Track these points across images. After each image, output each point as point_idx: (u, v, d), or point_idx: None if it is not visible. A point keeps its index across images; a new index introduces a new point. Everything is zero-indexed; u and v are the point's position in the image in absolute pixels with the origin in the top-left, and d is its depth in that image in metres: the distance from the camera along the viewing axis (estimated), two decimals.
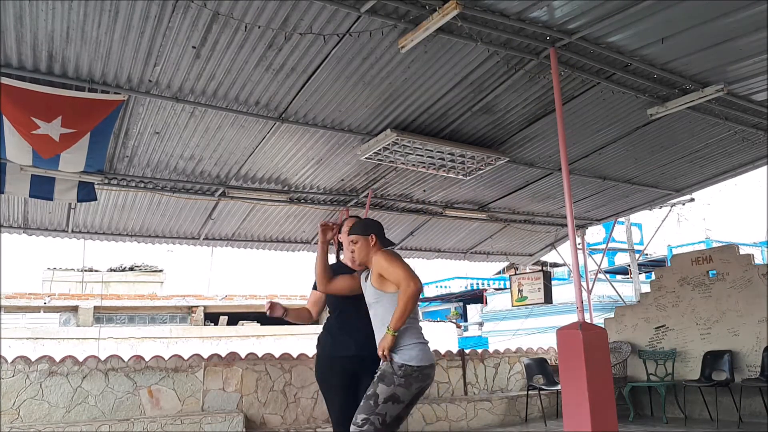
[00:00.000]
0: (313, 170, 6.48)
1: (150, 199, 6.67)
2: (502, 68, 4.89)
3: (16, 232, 6.98)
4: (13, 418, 5.69)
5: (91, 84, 4.44)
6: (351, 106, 5.24)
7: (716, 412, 7.14)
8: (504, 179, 7.33)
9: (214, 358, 6.77)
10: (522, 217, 8.83)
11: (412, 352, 3.10)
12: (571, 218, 4.52)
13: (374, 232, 3.42)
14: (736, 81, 5.25)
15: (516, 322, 18.37)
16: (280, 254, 8.68)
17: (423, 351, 3.13)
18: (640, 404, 8.19)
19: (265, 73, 4.62)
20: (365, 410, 3.05)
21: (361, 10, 3.93)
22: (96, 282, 24.64)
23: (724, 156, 7.19)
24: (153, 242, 7.75)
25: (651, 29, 4.37)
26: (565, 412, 4.14)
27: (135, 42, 4.08)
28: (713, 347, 7.51)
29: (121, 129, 5.20)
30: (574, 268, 4.60)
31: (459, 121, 5.69)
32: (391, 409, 3.06)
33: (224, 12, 3.84)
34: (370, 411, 3.05)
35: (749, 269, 7.37)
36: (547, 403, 8.18)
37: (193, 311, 24.01)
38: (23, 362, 5.95)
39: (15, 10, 3.67)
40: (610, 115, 5.87)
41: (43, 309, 22.30)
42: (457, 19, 3.92)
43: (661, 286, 8.28)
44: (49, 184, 5.61)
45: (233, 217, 7.42)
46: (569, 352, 4.13)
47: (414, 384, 3.07)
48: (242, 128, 5.41)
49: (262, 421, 6.67)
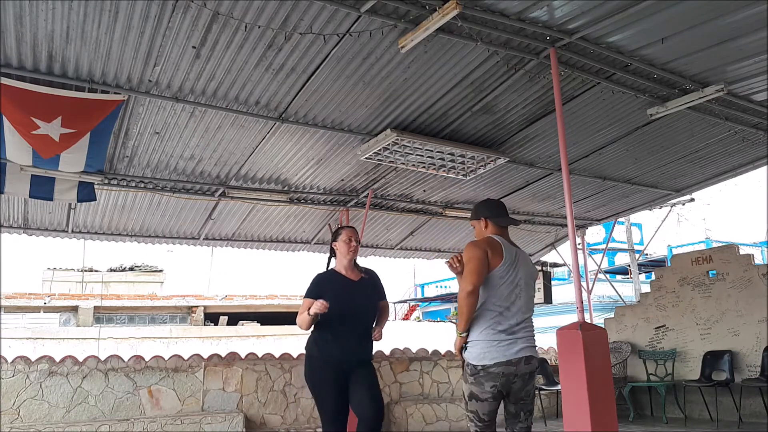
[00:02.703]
0: (313, 170, 6.48)
1: (150, 199, 6.67)
2: (502, 68, 4.89)
3: (16, 232, 6.98)
4: (13, 418, 5.69)
5: (91, 84, 4.44)
6: (351, 106, 5.24)
7: (716, 412, 7.14)
8: (504, 179, 7.33)
9: (214, 358, 6.77)
10: (522, 217, 8.82)
11: (473, 350, 2.96)
12: (571, 218, 4.52)
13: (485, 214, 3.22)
14: (736, 81, 5.25)
15: None
16: (280, 254, 8.68)
17: (484, 349, 2.92)
18: (640, 404, 8.19)
19: (265, 73, 4.61)
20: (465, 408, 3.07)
21: (361, 10, 3.93)
22: (96, 282, 24.66)
23: (724, 156, 7.18)
24: (153, 242, 7.75)
25: (651, 29, 4.37)
26: (565, 412, 4.14)
27: (135, 42, 4.07)
28: (713, 347, 7.51)
29: (121, 129, 5.20)
30: (574, 268, 4.60)
31: (459, 121, 5.69)
32: (479, 407, 2.96)
33: (224, 12, 3.84)
34: (466, 407, 3.05)
35: (749, 269, 7.37)
36: (547, 403, 8.18)
37: (193, 311, 24.02)
38: (23, 362, 5.95)
39: (15, 10, 3.66)
40: (610, 115, 5.87)
41: (43, 309, 22.31)
42: (457, 19, 3.92)
43: (661, 286, 8.28)
44: (49, 184, 5.61)
45: (233, 217, 7.42)
46: (569, 352, 4.13)
47: (486, 383, 2.91)
48: (242, 128, 5.41)
49: (262, 421, 6.68)
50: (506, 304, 2.97)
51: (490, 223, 3.19)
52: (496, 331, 2.93)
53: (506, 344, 2.92)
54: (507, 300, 2.98)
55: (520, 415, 3.04)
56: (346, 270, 3.75)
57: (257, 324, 23.54)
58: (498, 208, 3.26)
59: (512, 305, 2.98)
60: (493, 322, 2.95)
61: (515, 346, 2.94)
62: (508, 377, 2.90)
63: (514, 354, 2.91)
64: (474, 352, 2.94)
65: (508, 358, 2.90)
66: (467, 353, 2.98)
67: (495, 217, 3.20)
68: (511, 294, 2.99)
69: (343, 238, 3.75)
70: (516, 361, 2.92)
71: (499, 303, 2.97)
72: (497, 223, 3.19)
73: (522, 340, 2.97)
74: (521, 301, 3.02)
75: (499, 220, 3.20)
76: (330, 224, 7.87)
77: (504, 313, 2.96)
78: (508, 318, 2.96)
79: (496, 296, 2.97)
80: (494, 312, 2.96)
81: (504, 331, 2.94)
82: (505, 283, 2.98)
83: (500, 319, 2.95)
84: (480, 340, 2.94)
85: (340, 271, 3.76)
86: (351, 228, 3.86)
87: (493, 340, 2.92)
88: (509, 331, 2.95)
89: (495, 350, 2.90)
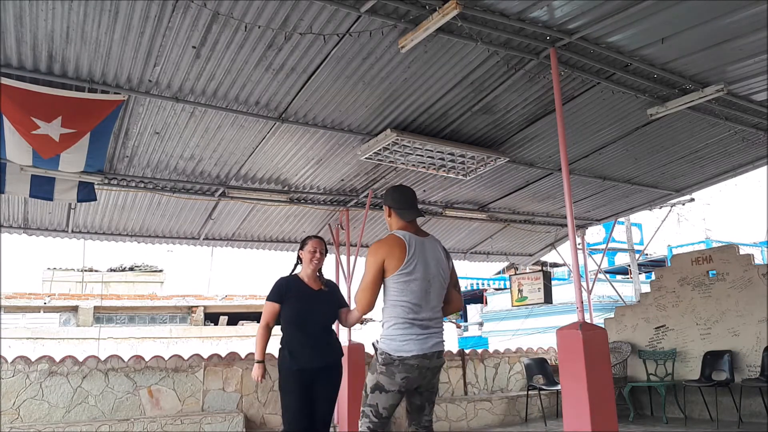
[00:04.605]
0: (313, 170, 6.48)
1: (150, 199, 6.67)
2: (502, 68, 4.89)
3: (16, 232, 6.98)
4: (13, 418, 5.69)
5: (91, 84, 4.44)
6: (351, 106, 5.24)
7: (716, 412, 7.14)
8: (504, 179, 7.33)
9: (214, 358, 6.77)
10: (522, 217, 8.82)
11: (391, 342, 2.96)
12: (571, 218, 4.52)
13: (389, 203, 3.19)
14: (736, 81, 5.25)
15: (516, 322, 18.38)
16: (280, 254, 8.67)
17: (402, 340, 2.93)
18: (640, 404, 8.19)
19: (265, 73, 4.61)
20: (363, 403, 3.02)
21: (361, 10, 3.93)
22: (96, 282, 24.68)
23: (724, 156, 7.18)
24: (153, 242, 7.75)
25: (651, 29, 4.37)
26: (565, 412, 4.14)
27: (135, 42, 4.07)
28: (713, 347, 7.51)
29: (121, 129, 5.20)
30: (574, 268, 4.60)
31: (459, 121, 5.69)
32: (380, 399, 2.94)
33: (224, 12, 3.84)
34: (364, 402, 3.00)
35: (749, 269, 7.37)
36: (547, 403, 8.18)
37: (193, 311, 24.03)
38: (23, 362, 5.95)
39: (15, 10, 3.66)
40: (610, 115, 5.87)
41: (43, 309, 22.32)
42: (457, 19, 3.92)
43: (661, 286, 8.28)
44: (49, 184, 5.61)
45: (233, 217, 7.42)
46: (569, 352, 4.13)
47: (398, 374, 2.91)
48: (242, 128, 5.41)
49: (262, 421, 6.68)
50: (417, 300, 2.97)
51: (394, 213, 3.15)
52: (412, 324, 2.95)
53: (423, 338, 2.96)
54: (418, 296, 2.97)
55: (425, 407, 3.09)
56: (309, 279, 3.87)
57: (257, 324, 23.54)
58: (403, 201, 3.16)
59: (423, 301, 2.99)
60: (408, 317, 2.95)
61: (430, 340, 2.98)
62: (421, 370, 2.94)
63: (429, 348, 2.97)
64: (392, 344, 2.95)
65: (424, 351, 2.94)
66: (382, 344, 2.98)
67: (399, 209, 3.14)
68: (421, 290, 2.99)
69: (308, 248, 3.89)
70: (430, 355, 2.97)
71: (412, 299, 2.97)
72: (401, 216, 3.14)
73: (435, 335, 3.02)
74: (432, 296, 3.02)
75: (403, 213, 3.14)
76: (330, 224, 7.87)
77: (416, 309, 2.97)
78: (420, 313, 2.97)
79: (407, 292, 2.96)
80: (406, 308, 2.96)
81: (419, 326, 2.97)
82: (416, 280, 2.97)
83: (414, 315, 2.96)
84: (397, 334, 2.95)
85: (303, 279, 3.87)
86: (318, 239, 3.96)
87: (411, 334, 2.94)
88: (424, 326, 2.98)
89: (413, 343, 2.93)
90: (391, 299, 3.00)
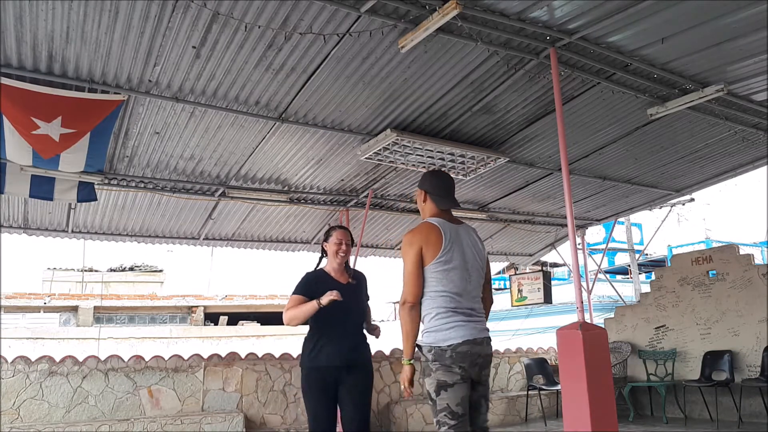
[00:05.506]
0: (313, 170, 6.48)
1: (150, 199, 6.67)
2: (502, 68, 4.89)
3: (16, 232, 6.98)
4: (13, 418, 5.69)
5: (91, 84, 4.44)
6: (351, 106, 5.24)
7: (716, 412, 7.14)
8: (504, 179, 7.33)
9: (214, 358, 6.77)
10: (522, 217, 8.83)
11: (435, 335, 2.78)
12: (571, 218, 4.52)
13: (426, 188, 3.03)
14: (736, 81, 5.25)
15: (516, 322, 18.36)
16: (280, 254, 8.68)
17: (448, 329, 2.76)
18: (640, 404, 8.19)
19: (265, 73, 4.62)
20: (433, 413, 2.76)
21: (361, 10, 3.93)
22: (96, 282, 24.69)
23: (724, 156, 7.19)
24: (153, 242, 7.75)
25: (651, 29, 4.37)
26: (565, 412, 4.14)
27: (135, 42, 4.07)
28: (713, 347, 7.51)
29: (121, 129, 5.20)
30: (574, 268, 4.60)
31: (459, 121, 5.69)
32: (450, 397, 2.70)
33: (224, 12, 3.84)
34: (434, 412, 2.76)
35: (749, 269, 7.37)
36: (547, 403, 8.18)
37: (193, 311, 24.04)
38: (23, 362, 5.95)
39: (15, 10, 3.66)
40: (610, 115, 5.87)
41: (43, 309, 22.33)
42: (457, 19, 3.92)
43: (661, 286, 8.28)
44: (49, 184, 5.61)
45: (233, 217, 7.42)
46: (569, 352, 4.12)
47: (453, 365, 2.71)
48: (242, 128, 5.41)
49: (262, 421, 6.67)
50: (458, 290, 2.82)
51: (429, 199, 3.03)
52: (456, 312, 2.79)
53: (470, 324, 2.80)
54: (458, 286, 2.82)
55: (481, 404, 2.87)
56: (336, 272, 3.62)
57: (257, 324, 23.55)
58: (442, 188, 3.04)
59: (464, 290, 2.84)
60: (450, 307, 2.79)
61: (477, 326, 2.84)
62: (473, 357, 2.76)
63: (478, 333, 2.81)
64: (438, 334, 2.76)
65: (474, 336, 2.77)
66: (427, 338, 2.79)
67: (434, 195, 3.02)
68: (461, 279, 2.84)
69: (333, 240, 3.61)
70: (480, 340, 2.80)
71: (452, 288, 2.81)
72: (437, 203, 3.02)
73: (480, 323, 2.87)
74: (472, 285, 2.88)
75: (440, 200, 3.02)
76: (330, 224, 7.87)
77: (457, 299, 2.81)
78: (462, 302, 2.82)
79: (446, 282, 2.81)
80: (447, 298, 2.80)
81: (462, 313, 2.81)
82: (455, 269, 2.83)
83: (455, 305, 2.80)
84: (442, 323, 2.77)
85: (330, 273, 3.63)
86: (343, 229, 3.70)
87: (456, 321, 2.77)
88: (467, 314, 2.82)
89: (461, 329, 2.75)
90: (430, 290, 2.82)
